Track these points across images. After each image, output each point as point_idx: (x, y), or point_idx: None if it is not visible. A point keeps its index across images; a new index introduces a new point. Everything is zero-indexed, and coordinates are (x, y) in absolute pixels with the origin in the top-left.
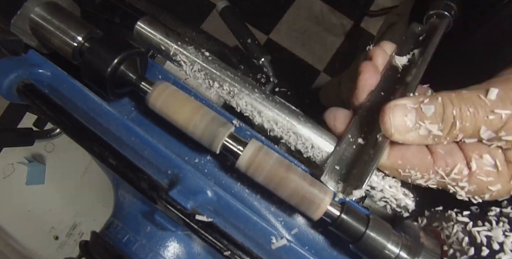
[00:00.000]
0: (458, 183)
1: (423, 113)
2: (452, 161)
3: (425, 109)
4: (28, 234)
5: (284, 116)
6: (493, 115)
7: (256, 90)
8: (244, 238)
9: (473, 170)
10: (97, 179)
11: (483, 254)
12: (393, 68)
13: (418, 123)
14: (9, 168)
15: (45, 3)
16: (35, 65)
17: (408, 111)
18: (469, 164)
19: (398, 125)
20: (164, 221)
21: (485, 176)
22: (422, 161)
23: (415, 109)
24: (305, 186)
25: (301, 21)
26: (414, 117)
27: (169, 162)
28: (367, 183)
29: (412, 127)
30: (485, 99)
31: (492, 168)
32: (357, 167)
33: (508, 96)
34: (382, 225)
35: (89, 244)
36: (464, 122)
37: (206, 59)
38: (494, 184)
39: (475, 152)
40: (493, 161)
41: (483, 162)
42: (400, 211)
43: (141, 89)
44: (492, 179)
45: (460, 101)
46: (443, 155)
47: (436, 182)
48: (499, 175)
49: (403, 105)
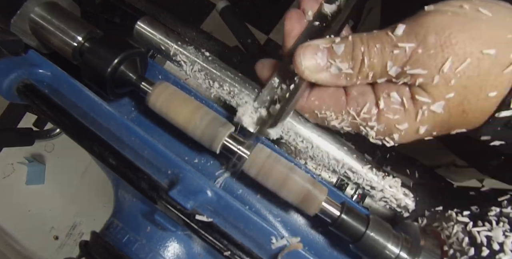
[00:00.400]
0: (368, 122)
1: (334, 52)
2: (363, 101)
3: (336, 48)
4: (28, 234)
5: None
6: (397, 50)
7: (256, 90)
8: (244, 238)
9: (381, 107)
10: (97, 179)
11: (483, 254)
12: (322, 16)
13: (329, 61)
14: (9, 168)
15: (45, 3)
16: (35, 65)
17: (320, 51)
18: (378, 102)
19: (309, 64)
20: (164, 221)
21: (392, 114)
22: (337, 102)
23: (327, 49)
24: (303, 184)
25: None
26: (325, 56)
27: (169, 162)
28: (283, 122)
29: (323, 66)
30: (391, 35)
31: (399, 106)
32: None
33: (413, 31)
34: (382, 225)
35: (89, 244)
36: (371, 59)
37: (206, 59)
38: (402, 123)
39: (384, 91)
40: (400, 99)
41: (390, 100)
42: (400, 211)
43: (141, 89)
44: (399, 117)
45: (368, 39)
46: (355, 96)
47: (349, 123)
48: (406, 113)
49: (315, 45)
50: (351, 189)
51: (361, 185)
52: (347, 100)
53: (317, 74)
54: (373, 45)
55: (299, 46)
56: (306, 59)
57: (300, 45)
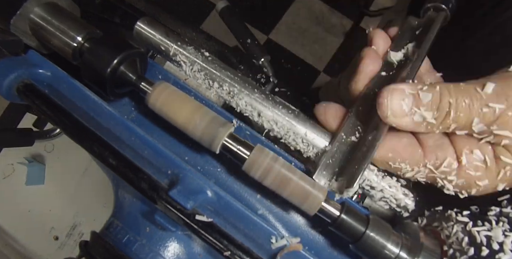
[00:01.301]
0: (447, 176)
1: (420, 100)
2: (442, 155)
3: (423, 96)
4: (28, 234)
5: (283, 116)
6: (487, 109)
7: (256, 90)
8: (244, 238)
9: (463, 164)
10: (97, 179)
11: (483, 254)
12: (388, 64)
13: (414, 109)
14: (9, 168)
15: (45, 4)
16: (35, 65)
17: (406, 96)
18: (459, 158)
19: (394, 109)
20: (164, 221)
21: (473, 171)
22: (413, 154)
23: (413, 95)
24: (302, 184)
25: (301, 21)
26: (411, 102)
27: (169, 162)
28: (359, 181)
29: (407, 112)
30: (481, 92)
31: (481, 163)
32: (350, 165)
33: (503, 92)
34: (382, 225)
35: (89, 244)
36: (458, 113)
37: (206, 60)
38: (482, 179)
39: (466, 147)
40: (483, 156)
41: (473, 156)
42: (400, 211)
43: (141, 90)
44: (480, 174)
45: (457, 92)
46: (433, 149)
47: (425, 175)
48: (487, 171)
49: (401, 90)
50: (357, 190)
51: (361, 185)
52: (424, 153)
53: (400, 119)
54: (461, 100)
55: (386, 89)
56: (393, 103)
57: (386, 88)
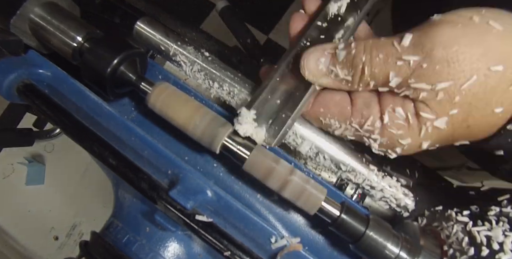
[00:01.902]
0: (371, 135)
1: (336, 59)
2: (367, 113)
3: (338, 54)
4: (28, 234)
5: None
6: (401, 62)
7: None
8: (244, 238)
9: (385, 122)
10: (97, 179)
11: (483, 254)
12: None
13: (331, 67)
14: (9, 168)
15: (45, 4)
16: (35, 65)
17: (323, 56)
18: (383, 116)
19: (311, 68)
20: (164, 221)
21: (396, 129)
22: (342, 111)
23: (331, 54)
24: (302, 185)
25: None
26: (328, 61)
27: (169, 162)
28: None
29: (325, 72)
30: (397, 46)
31: (404, 121)
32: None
33: (420, 43)
34: (382, 225)
35: (89, 244)
36: (373, 68)
37: (206, 60)
38: (405, 138)
39: (390, 105)
40: (405, 115)
41: (395, 115)
42: (400, 211)
43: (141, 90)
44: (402, 132)
45: (372, 48)
46: (361, 106)
47: (353, 133)
48: (409, 128)
49: (320, 50)
50: (351, 189)
51: (361, 185)
52: (352, 111)
53: (319, 78)
54: (376, 55)
55: (306, 51)
56: (310, 63)
57: (307, 50)
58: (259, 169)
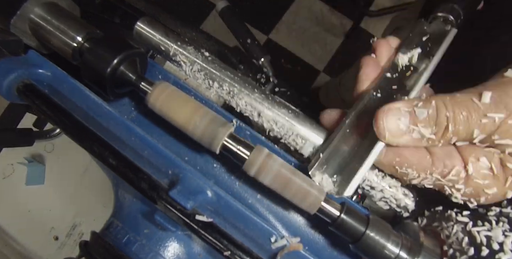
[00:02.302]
0: (454, 185)
1: (416, 117)
2: (450, 163)
3: (419, 112)
4: (28, 234)
5: (283, 116)
6: (486, 119)
7: (256, 90)
8: (244, 238)
9: (470, 172)
10: (97, 179)
11: (483, 254)
12: (394, 67)
13: (411, 127)
14: (9, 168)
15: (45, 4)
16: (35, 65)
17: (402, 115)
18: (467, 166)
19: (392, 129)
20: (164, 221)
21: (481, 179)
22: (420, 161)
23: (409, 113)
24: (301, 185)
25: (301, 21)
26: (407, 120)
27: (169, 162)
28: (357, 183)
29: (405, 131)
30: (478, 103)
31: (488, 171)
32: (349, 166)
33: (501, 100)
34: (382, 225)
35: (89, 244)
36: (457, 126)
37: (206, 59)
38: (490, 187)
39: (472, 155)
40: (489, 164)
41: (479, 165)
42: (400, 211)
43: (141, 90)
44: (488, 182)
45: (453, 105)
46: (441, 156)
47: (433, 182)
48: (495, 179)
49: (397, 109)
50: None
51: (361, 185)
52: (432, 161)
53: (398, 138)
54: (459, 113)
55: (381, 110)
56: (389, 123)
57: (381, 109)
58: (259, 169)
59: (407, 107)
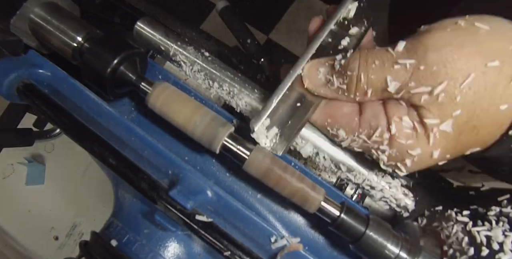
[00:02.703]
0: (379, 146)
1: (334, 68)
2: (375, 124)
3: (336, 64)
4: (28, 234)
5: None
6: (398, 65)
7: (256, 90)
8: (244, 238)
9: (393, 132)
10: (97, 179)
11: (483, 254)
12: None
13: (328, 77)
14: (9, 168)
15: (45, 4)
16: (35, 65)
17: (323, 66)
18: (390, 126)
19: (311, 78)
20: (164, 221)
21: (404, 139)
22: (349, 122)
23: (330, 65)
24: (302, 185)
25: (301, 21)
26: (326, 71)
27: (169, 162)
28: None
29: (324, 82)
30: (392, 51)
31: (411, 130)
32: (288, 124)
33: (413, 47)
34: (382, 225)
35: (89, 244)
36: (370, 75)
37: (206, 60)
38: (414, 147)
39: (396, 115)
40: (412, 123)
41: (402, 124)
42: (400, 211)
43: (141, 90)
44: (411, 142)
45: (368, 55)
46: (368, 117)
47: (360, 145)
48: (417, 138)
49: (321, 61)
50: (351, 189)
51: (361, 185)
52: (360, 122)
53: (317, 88)
54: (371, 62)
55: (308, 62)
56: (309, 73)
57: (309, 62)
58: (259, 169)
59: (330, 60)
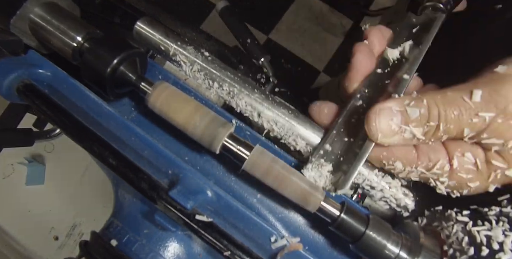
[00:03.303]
0: (439, 178)
1: (408, 117)
2: (435, 157)
3: (411, 112)
4: (28, 234)
5: (283, 116)
6: (477, 118)
7: (256, 90)
8: (244, 238)
9: (455, 167)
10: (97, 179)
11: (483, 254)
12: (384, 62)
13: (403, 127)
14: (9, 169)
15: (45, 4)
16: (35, 65)
17: (394, 115)
18: (451, 161)
19: (384, 129)
20: (164, 221)
21: (465, 173)
22: (407, 155)
23: (401, 113)
24: (301, 185)
25: (301, 21)
26: (399, 120)
27: (169, 162)
28: (352, 180)
29: (397, 131)
30: (469, 101)
31: (472, 166)
32: (344, 163)
33: (491, 99)
34: (382, 225)
35: (89, 244)
36: (448, 125)
37: (206, 60)
38: (473, 181)
39: (458, 150)
40: (474, 160)
41: (464, 159)
42: (400, 210)
43: (140, 90)
44: (471, 176)
45: (445, 104)
46: (426, 150)
47: (418, 175)
48: (478, 173)
49: (388, 109)
50: (351, 189)
51: (361, 185)
52: (418, 155)
53: (390, 138)
54: (450, 112)
55: (372, 111)
56: (381, 124)
57: (373, 109)
58: (259, 169)
59: (398, 107)
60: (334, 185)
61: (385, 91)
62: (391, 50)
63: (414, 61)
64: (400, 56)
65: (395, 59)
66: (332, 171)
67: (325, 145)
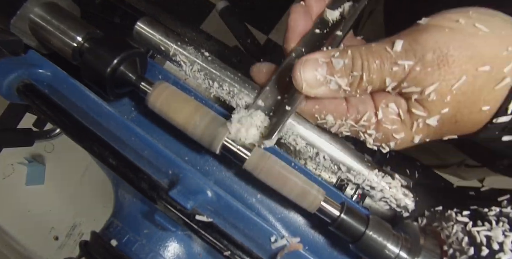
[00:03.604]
0: (366, 130)
1: (333, 67)
2: (363, 109)
3: (335, 62)
4: (28, 234)
5: None
6: (396, 67)
7: (256, 90)
8: (244, 238)
9: (379, 117)
10: (97, 179)
11: (482, 254)
12: (323, 23)
13: (328, 77)
14: (9, 169)
15: (45, 4)
16: (35, 65)
17: (319, 66)
18: (377, 112)
19: (309, 79)
20: (164, 221)
21: (390, 124)
22: (337, 108)
23: (326, 64)
24: (300, 185)
25: None
26: (324, 71)
27: (169, 162)
28: (279, 131)
29: (322, 82)
30: (390, 51)
31: (396, 116)
32: (273, 118)
33: (411, 48)
34: (382, 225)
35: (89, 244)
36: (371, 75)
37: (206, 59)
38: (398, 132)
39: (383, 101)
40: (397, 110)
41: (388, 110)
42: (400, 211)
43: (140, 90)
44: (396, 127)
45: (368, 54)
46: (355, 103)
47: (348, 129)
48: (402, 124)
49: (314, 60)
50: (351, 189)
51: (361, 185)
52: (347, 107)
53: (316, 89)
54: (372, 61)
55: (299, 61)
56: (306, 74)
57: (299, 60)
58: (259, 169)
59: (324, 58)
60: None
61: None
62: (330, 11)
63: (350, 18)
64: (341, 16)
65: (334, 20)
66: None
67: (257, 100)
